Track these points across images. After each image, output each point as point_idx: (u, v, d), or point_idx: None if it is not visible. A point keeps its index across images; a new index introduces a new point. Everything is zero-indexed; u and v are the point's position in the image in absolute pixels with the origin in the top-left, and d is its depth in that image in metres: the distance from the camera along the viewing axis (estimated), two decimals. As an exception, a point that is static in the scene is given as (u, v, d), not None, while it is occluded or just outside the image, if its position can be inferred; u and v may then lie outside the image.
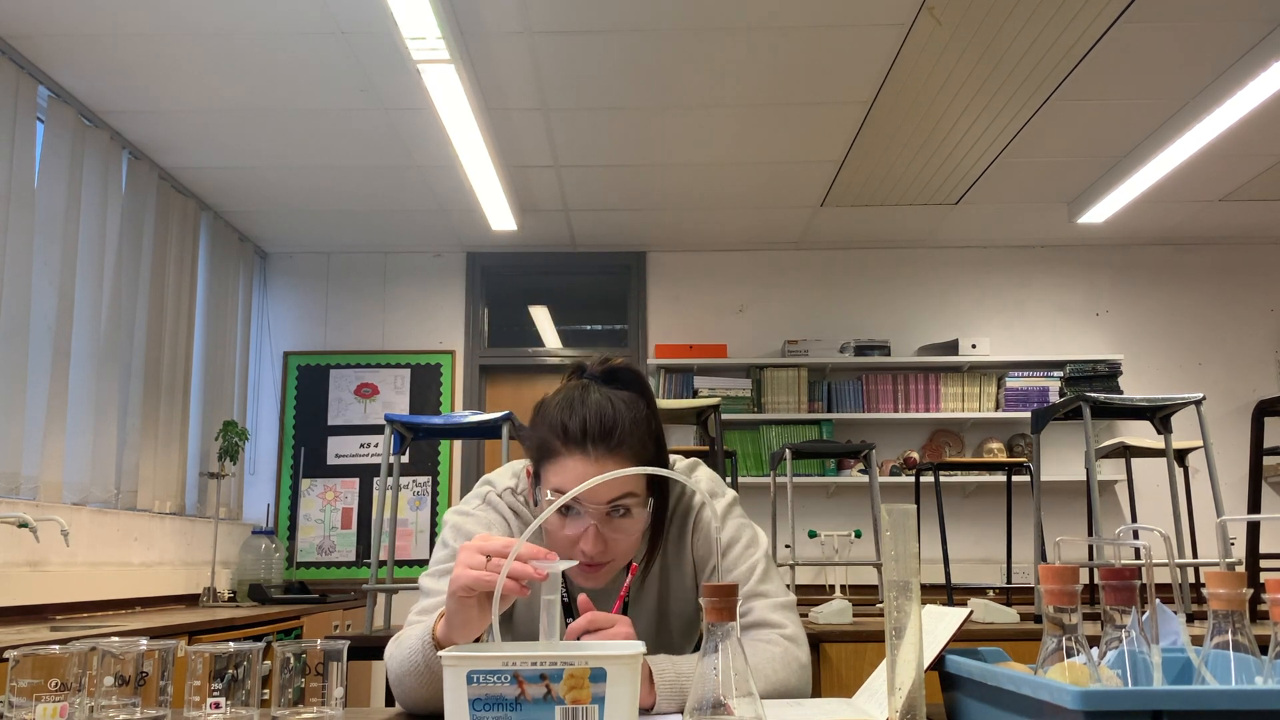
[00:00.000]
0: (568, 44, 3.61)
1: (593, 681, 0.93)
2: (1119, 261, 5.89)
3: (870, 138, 4.41)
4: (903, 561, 0.98)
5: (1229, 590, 0.93)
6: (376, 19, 3.36)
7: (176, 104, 4.03)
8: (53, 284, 3.75)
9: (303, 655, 1.11)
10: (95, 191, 4.04)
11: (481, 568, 1.08)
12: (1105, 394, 3.60)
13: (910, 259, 5.93)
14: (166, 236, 4.65)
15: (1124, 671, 0.95)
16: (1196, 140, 4.27)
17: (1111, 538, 1.61)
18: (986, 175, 4.84)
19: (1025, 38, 3.56)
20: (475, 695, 0.93)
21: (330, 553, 5.62)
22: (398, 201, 5.14)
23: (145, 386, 4.41)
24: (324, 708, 1.11)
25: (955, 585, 4.28)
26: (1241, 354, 5.79)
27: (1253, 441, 3.41)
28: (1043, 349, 5.77)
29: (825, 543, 5.23)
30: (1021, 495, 4.89)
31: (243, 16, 3.40)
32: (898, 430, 5.75)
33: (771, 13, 3.42)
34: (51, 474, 3.71)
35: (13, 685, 1.01)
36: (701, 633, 1.39)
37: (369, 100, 4.01)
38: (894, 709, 0.97)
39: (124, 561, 4.20)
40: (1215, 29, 3.57)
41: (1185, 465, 4.60)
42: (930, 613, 1.18)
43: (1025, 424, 5.62)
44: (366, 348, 5.82)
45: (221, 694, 1.06)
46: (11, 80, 3.55)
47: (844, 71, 3.82)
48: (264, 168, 4.71)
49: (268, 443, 5.71)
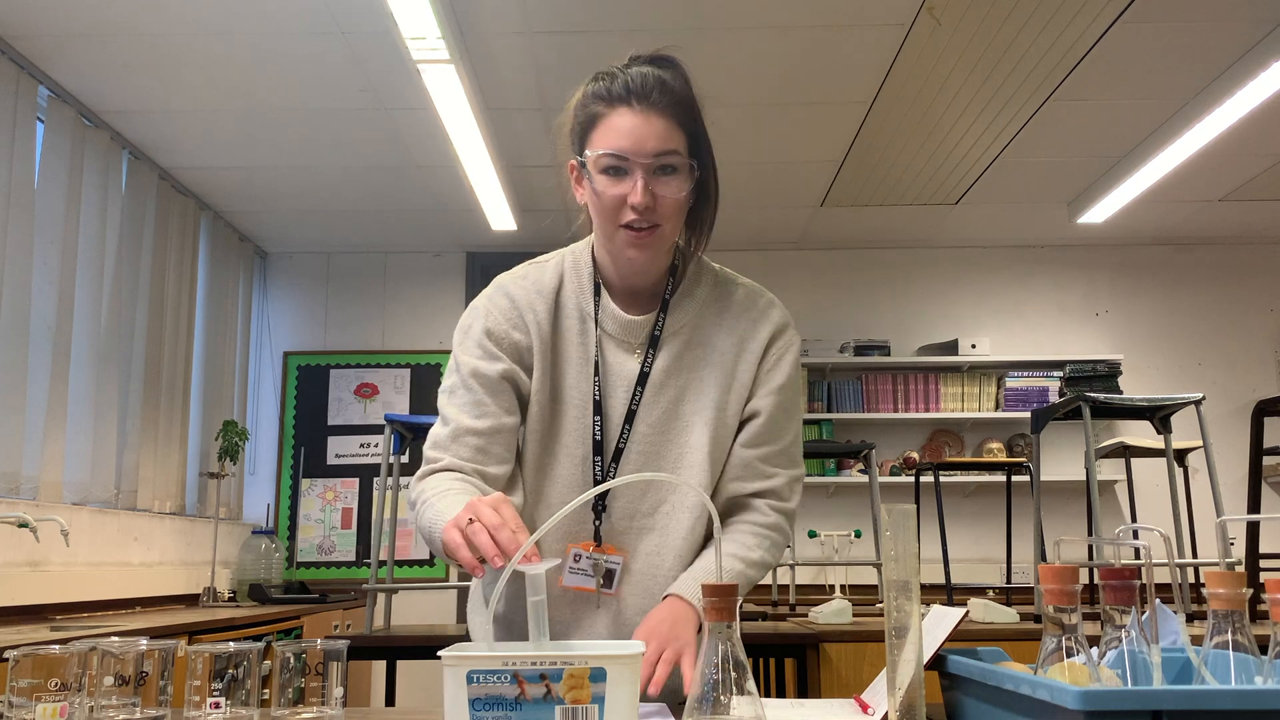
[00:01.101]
0: (568, 44, 3.61)
1: (593, 681, 0.93)
2: (1119, 261, 5.89)
3: (870, 138, 4.40)
4: (903, 561, 0.98)
5: (1229, 590, 0.93)
6: (376, 19, 3.36)
7: (176, 104, 4.03)
8: (53, 284, 3.75)
9: (303, 655, 1.11)
10: (95, 192, 4.04)
11: (475, 565, 1.11)
12: (1105, 394, 3.60)
13: (910, 259, 5.93)
14: (166, 236, 4.65)
15: (1124, 671, 0.95)
16: (1196, 140, 4.27)
17: (1111, 538, 1.61)
18: (986, 175, 4.84)
19: (1025, 38, 3.56)
20: (475, 695, 0.93)
21: (330, 553, 5.62)
22: (398, 201, 5.14)
23: (145, 386, 4.41)
24: (324, 708, 1.11)
25: (955, 585, 4.28)
26: (1241, 354, 5.79)
27: (1253, 441, 3.41)
28: (1042, 349, 5.77)
29: (825, 543, 5.23)
30: (1021, 495, 4.89)
31: (243, 16, 3.40)
32: (898, 430, 5.75)
33: (771, 13, 3.42)
34: (51, 474, 3.71)
35: (13, 685, 1.01)
36: None
37: (369, 100, 4.00)
38: (894, 709, 0.97)
39: (124, 561, 4.20)
40: (1215, 29, 3.57)
41: (1185, 465, 4.60)
42: (928, 613, 1.18)
43: (1025, 424, 5.62)
44: (366, 348, 5.82)
45: (221, 694, 1.06)
46: (11, 80, 3.55)
47: (844, 71, 3.82)
48: (264, 168, 4.71)
49: (268, 443, 5.71)
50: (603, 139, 1.35)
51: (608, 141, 1.34)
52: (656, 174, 1.34)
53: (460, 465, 1.38)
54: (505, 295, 1.46)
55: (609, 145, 1.34)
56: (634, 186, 1.33)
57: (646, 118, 1.33)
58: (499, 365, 1.42)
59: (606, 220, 1.38)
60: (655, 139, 1.33)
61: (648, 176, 1.33)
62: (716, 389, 1.44)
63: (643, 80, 1.34)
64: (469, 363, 1.43)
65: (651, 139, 1.33)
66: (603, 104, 1.36)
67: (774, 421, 1.45)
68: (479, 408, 1.41)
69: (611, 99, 1.35)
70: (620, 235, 1.37)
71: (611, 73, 1.37)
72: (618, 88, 1.35)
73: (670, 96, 1.35)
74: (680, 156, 1.35)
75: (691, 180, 1.37)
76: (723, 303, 1.49)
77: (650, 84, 1.34)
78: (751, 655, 1.78)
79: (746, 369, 1.46)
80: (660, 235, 1.37)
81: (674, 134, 1.35)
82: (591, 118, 1.37)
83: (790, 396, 1.47)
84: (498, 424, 1.41)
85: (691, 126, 1.38)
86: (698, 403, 1.44)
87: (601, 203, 1.36)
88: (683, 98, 1.37)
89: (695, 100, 1.40)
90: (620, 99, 1.34)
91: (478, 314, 1.46)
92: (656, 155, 1.33)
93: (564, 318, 1.46)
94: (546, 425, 1.45)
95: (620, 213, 1.35)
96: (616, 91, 1.35)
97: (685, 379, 1.45)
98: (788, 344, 1.49)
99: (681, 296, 1.47)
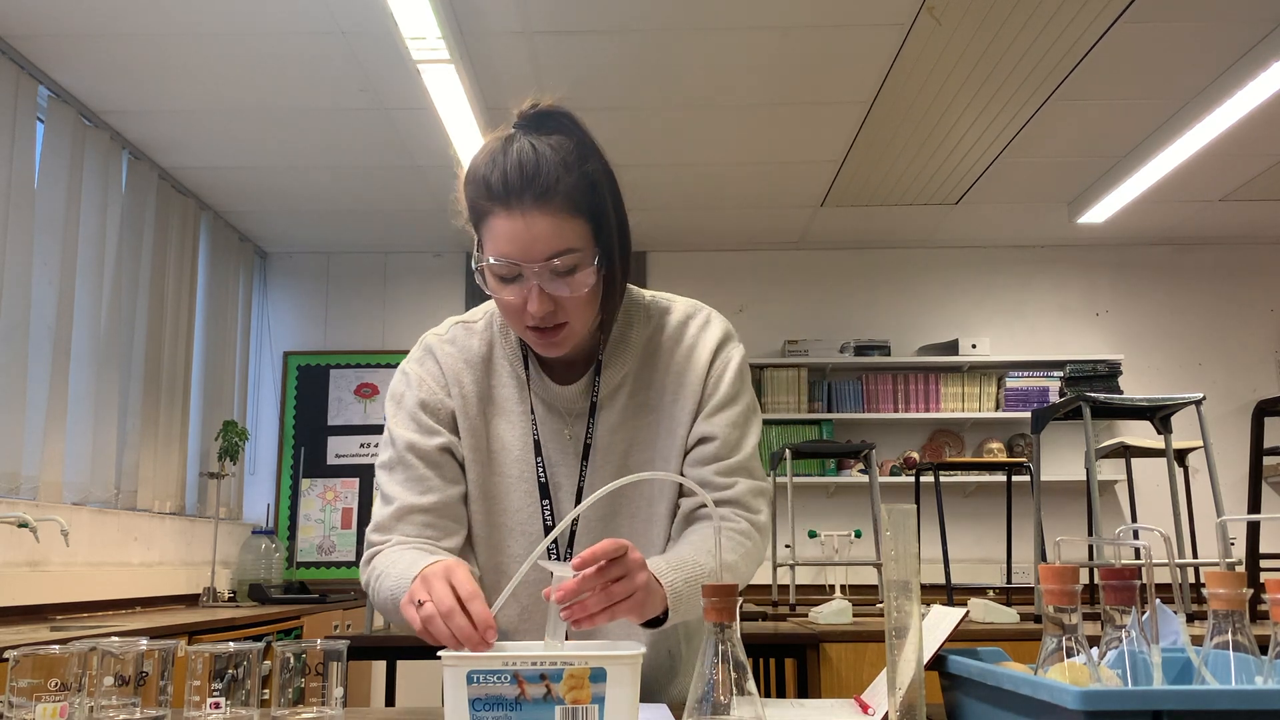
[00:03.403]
0: (568, 44, 3.61)
1: (593, 681, 0.93)
2: (1119, 261, 5.89)
3: (870, 138, 4.41)
4: (903, 561, 0.98)
5: (1229, 590, 0.93)
6: (376, 19, 3.36)
7: (176, 104, 4.03)
8: (53, 284, 3.75)
9: (303, 655, 1.11)
10: (95, 191, 4.04)
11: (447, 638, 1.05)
12: (1105, 394, 3.60)
13: (910, 259, 5.93)
14: (166, 236, 4.65)
15: (1124, 671, 0.95)
16: (1196, 140, 4.27)
17: (1111, 538, 1.61)
18: (986, 175, 4.84)
19: (1025, 38, 3.56)
20: (475, 695, 0.93)
21: (330, 553, 5.62)
22: (398, 201, 5.14)
23: (145, 386, 4.41)
24: (324, 708, 1.11)
25: (955, 585, 4.28)
26: (1241, 354, 5.79)
27: (1253, 441, 3.41)
28: (1043, 349, 5.77)
29: (825, 543, 5.23)
30: (1021, 495, 4.89)
31: (242, 16, 3.40)
32: (898, 430, 5.75)
33: (771, 13, 3.42)
34: (51, 474, 3.71)
35: (13, 685, 1.01)
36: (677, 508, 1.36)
37: (369, 100, 4.01)
38: (894, 709, 0.97)
39: (124, 561, 4.20)
40: (1215, 29, 3.57)
41: (1185, 465, 4.60)
42: (928, 613, 1.18)
43: (1025, 424, 5.62)
44: (366, 348, 5.82)
45: (221, 694, 1.06)
46: (11, 80, 3.55)
47: (844, 71, 3.82)
48: (264, 168, 4.71)
49: (268, 443, 5.71)
50: (491, 244, 1.23)
51: (495, 248, 1.22)
52: (553, 275, 1.22)
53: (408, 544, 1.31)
54: (435, 362, 1.38)
55: (496, 252, 1.21)
56: (530, 295, 1.22)
57: (529, 220, 1.19)
58: (437, 439, 1.34)
59: (512, 324, 1.29)
60: (543, 243, 1.20)
61: (543, 280, 1.21)
62: (664, 434, 1.37)
63: (521, 171, 1.19)
64: (404, 436, 1.35)
65: (538, 244, 1.19)
66: (484, 200, 1.22)
67: (725, 441, 1.35)
68: (422, 484, 1.33)
69: (492, 196, 1.21)
70: (529, 335, 1.28)
71: (492, 158, 1.23)
72: (496, 183, 1.20)
73: (557, 186, 1.19)
74: (577, 252, 1.22)
75: (595, 271, 1.24)
76: (657, 339, 1.39)
77: (530, 175, 1.19)
78: (751, 655, 1.78)
79: (689, 400, 1.36)
80: (571, 331, 1.27)
81: (565, 229, 1.20)
82: (478, 214, 1.25)
83: (739, 412, 1.37)
84: (443, 498, 1.34)
85: (590, 208, 1.23)
86: (647, 451, 1.37)
87: (501, 308, 1.29)
88: (574, 182, 1.21)
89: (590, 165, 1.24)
90: (500, 199, 1.20)
91: (410, 383, 1.38)
92: (548, 258, 1.20)
93: (497, 386, 1.38)
94: (491, 501, 1.37)
95: (521, 317, 1.25)
96: (496, 189, 1.20)
97: (631, 434, 1.37)
98: (726, 360, 1.38)
99: (614, 352, 1.37)
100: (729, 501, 1.34)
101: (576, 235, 1.22)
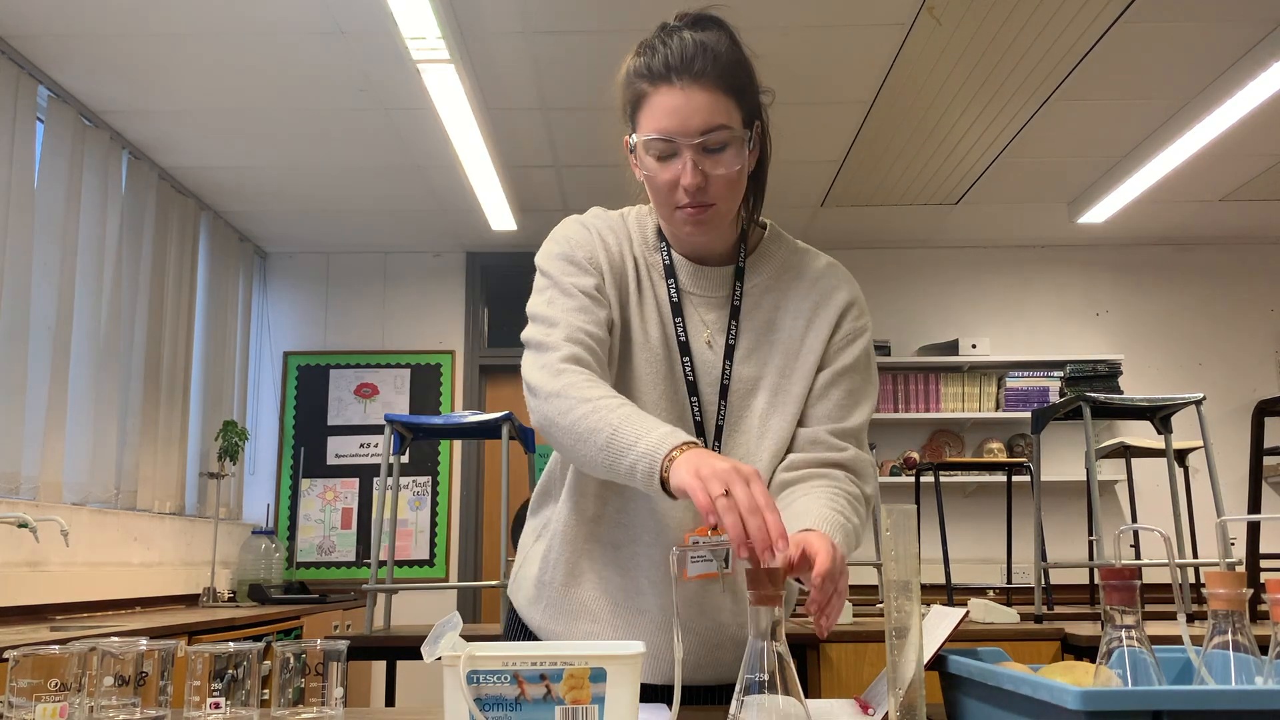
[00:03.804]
0: (568, 44, 3.61)
1: (593, 681, 0.93)
2: (1119, 261, 5.89)
3: (870, 138, 4.40)
4: (903, 561, 0.98)
5: (1229, 590, 0.93)
6: (376, 19, 3.36)
7: (176, 104, 4.03)
8: (53, 284, 3.75)
9: (303, 655, 1.11)
10: (95, 192, 4.04)
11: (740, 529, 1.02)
12: (1105, 394, 3.60)
13: (910, 259, 5.93)
14: (166, 236, 4.65)
15: (1124, 671, 0.95)
16: (1196, 140, 4.27)
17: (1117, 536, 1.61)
18: (986, 175, 4.84)
19: (1025, 38, 3.56)
20: (475, 695, 0.93)
21: (330, 553, 5.62)
22: (398, 201, 5.14)
23: (145, 386, 4.41)
24: (324, 708, 1.11)
25: (955, 585, 4.27)
26: (1241, 354, 5.79)
27: (1253, 441, 3.41)
28: (1043, 349, 5.77)
29: (825, 543, 5.21)
30: (1021, 495, 4.89)
31: (243, 17, 3.40)
32: (898, 430, 5.75)
33: (771, 13, 3.42)
34: (51, 474, 3.71)
35: (13, 685, 1.01)
36: None
37: (369, 100, 4.00)
38: (894, 709, 0.97)
39: (124, 561, 4.20)
40: (1215, 29, 3.57)
41: (1185, 465, 4.60)
42: (928, 613, 1.18)
43: (1025, 424, 5.62)
44: (366, 348, 5.82)
45: (221, 694, 1.06)
46: (11, 80, 3.55)
47: (844, 71, 3.82)
48: (264, 168, 4.71)
49: (268, 443, 5.71)
50: (648, 120, 1.29)
51: (653, 123, 1.28)
52: (706, 152, 1.28)
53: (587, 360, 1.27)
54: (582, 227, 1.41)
55: (654, 127, 1.28)
56: (684, 168, 1.28)
57: (689, 94, 1.27)
58: (592, 280, 1.35)
59: (661, 204, 1.34)
60: (700, 116, 1.26)
61: (697, 156, 1.27)
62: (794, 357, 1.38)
63: (682, 52, 1.28)
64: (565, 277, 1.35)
65: (696, 116, 1.26)
66: (645, 81, 1.30)
67: (843, 404, 1.37)
68: (585, 313, 1.32)
69: (653, 76, 1.29)
70: (677, 216, 1.33)
71: (652, 44, 1.31)
72: (658, 64, 1.28)
73: (714, 65, 1.27)
74: (729, 130, 1.28)
75: (745, 152, 1.32)
76: (796, 266, 1.45)
77: (690, 55, 1.27)
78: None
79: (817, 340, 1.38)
80: (717, 213, 1.32)
81: (720, 106, 1.28)
82: (636, 96, 1.32)
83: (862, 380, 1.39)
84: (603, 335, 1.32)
85: (741, 93, 1.31)
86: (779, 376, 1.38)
87: (654, 186, 1.33)
88: (728, 64, 1.29)
89: (744, 61, 1.33)
90: (661, 76, 1.28)
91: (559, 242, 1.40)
92: (703, 133, 1.27)
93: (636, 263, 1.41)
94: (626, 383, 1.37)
95: (673, 195, 1.31)
96: (657, 68, 1.28)
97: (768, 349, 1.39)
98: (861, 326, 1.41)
99: (755, 262, 1.43)
100: (841, 465, 1.35)
101: (729, 114, 1.29)
